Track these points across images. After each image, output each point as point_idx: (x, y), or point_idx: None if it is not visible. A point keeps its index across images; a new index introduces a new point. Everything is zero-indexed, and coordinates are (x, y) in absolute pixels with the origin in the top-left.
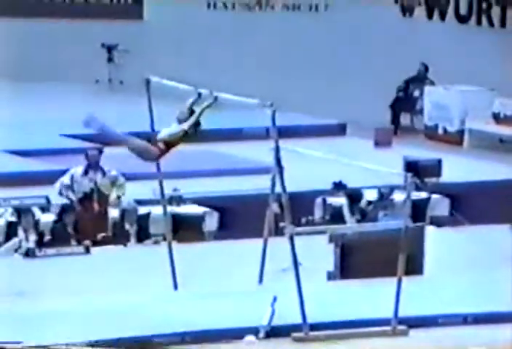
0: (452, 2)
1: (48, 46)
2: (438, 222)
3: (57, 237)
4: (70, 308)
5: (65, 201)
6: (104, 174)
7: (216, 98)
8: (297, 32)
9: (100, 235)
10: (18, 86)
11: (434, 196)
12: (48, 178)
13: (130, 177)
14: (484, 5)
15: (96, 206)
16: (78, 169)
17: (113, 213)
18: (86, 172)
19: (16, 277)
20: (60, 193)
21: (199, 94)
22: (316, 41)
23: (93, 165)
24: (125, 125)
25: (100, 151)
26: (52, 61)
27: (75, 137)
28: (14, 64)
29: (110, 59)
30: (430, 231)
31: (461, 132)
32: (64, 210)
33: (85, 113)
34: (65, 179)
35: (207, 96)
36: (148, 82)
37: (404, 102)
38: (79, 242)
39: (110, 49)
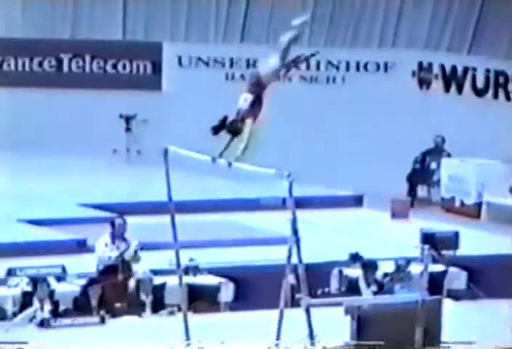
0: (469, 76)
1: (66, 116)
2: (455, 295)
3: (75, 307)
4: None
5: (91, 270)
6: (128, 244)
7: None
8: (314, 104)
9: (117, 305)
10: (36, 157)
11: (451, 269)
12: (64, 247)
13: (146, 247)
14: (501, 79)
15: (120, 276)
16: (106, 238)
17: (129, 283)
18: (113, 241)
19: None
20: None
21: (213, 159)
22: (333, 113)
23: (119, 234)
24: (143, 194)
25: (124, 220)
26: (69, 131)
27: (92, 206)
28: (32, 135)
29: (128, 129)
30: (448, 304)
31: (478, 205)
32: (90, 281)
33: (102, 183)
34: (104, 248)
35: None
36: (166, 152)
37: (421, 174)
38: (98, 312)
39: (128, 119)
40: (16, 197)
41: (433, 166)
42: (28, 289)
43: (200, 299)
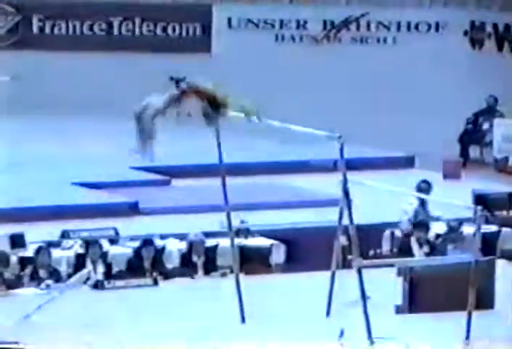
0: None
1: (115, 80)
2: (508, 256)
3: (128, 269)
4: (135, 340)
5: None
6: None
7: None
8: (365, 65)
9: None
10: (89, 120)
11: (505, 229)
12: (117, 210)
13: (198, 210)
14: None
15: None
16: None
17: (181, 245)
18: None
19: (84, 308)
20: None
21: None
22: (384, 73)
23: None
24: (193, 157)
25: None
26: (120, 95)
27: (144, 169)
28: (83, 98)
29: None
30: (501, 265)
31: None
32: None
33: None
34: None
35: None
36: None
37: (473, 134)
38: (151, 274)
39: (178, 81)
40: (69, 160)
41: (486, 126)
42: (82, 251)
43: (252, 261)
